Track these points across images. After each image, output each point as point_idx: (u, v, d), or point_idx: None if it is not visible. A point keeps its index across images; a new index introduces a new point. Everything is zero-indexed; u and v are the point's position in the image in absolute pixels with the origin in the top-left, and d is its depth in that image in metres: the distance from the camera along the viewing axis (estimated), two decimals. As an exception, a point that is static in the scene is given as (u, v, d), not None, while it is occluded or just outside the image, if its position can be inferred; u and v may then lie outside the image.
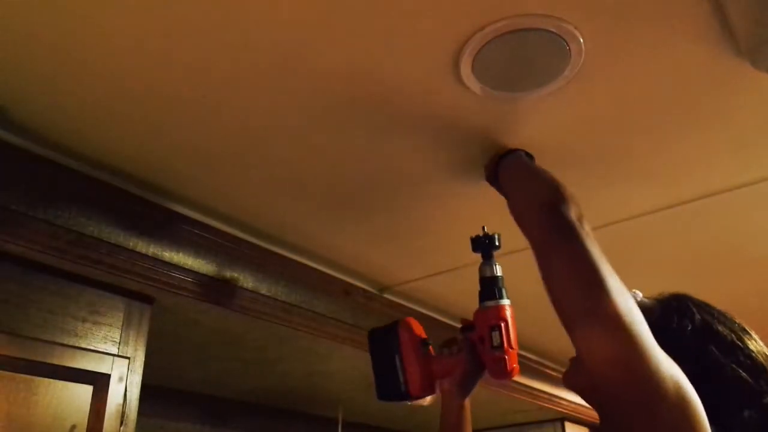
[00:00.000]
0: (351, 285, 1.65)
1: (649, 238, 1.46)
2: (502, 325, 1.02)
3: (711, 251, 1.55)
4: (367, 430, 2.58)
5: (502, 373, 1.03)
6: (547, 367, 2.29)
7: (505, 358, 1.01)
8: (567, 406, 2.41)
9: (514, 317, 1.04)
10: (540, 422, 2.62)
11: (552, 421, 2.59)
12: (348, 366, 1.80)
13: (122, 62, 0.91)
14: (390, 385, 1.11)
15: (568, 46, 0.88)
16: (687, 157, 1.17)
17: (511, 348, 1.02)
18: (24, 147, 1.09)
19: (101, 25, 0.84)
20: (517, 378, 2.11)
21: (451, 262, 1.55)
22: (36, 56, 0.90)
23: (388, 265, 1.59)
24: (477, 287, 1.07)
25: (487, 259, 1.08)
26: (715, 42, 0.88)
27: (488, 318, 1.04)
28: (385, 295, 1.73)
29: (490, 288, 1.05)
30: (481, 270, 1.08)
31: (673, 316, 0.78)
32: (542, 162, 1.16)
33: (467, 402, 1.08)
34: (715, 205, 1.32)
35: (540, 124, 1.07)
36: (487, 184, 1.16)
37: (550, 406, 2.35)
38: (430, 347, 1.13)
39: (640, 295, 0.83)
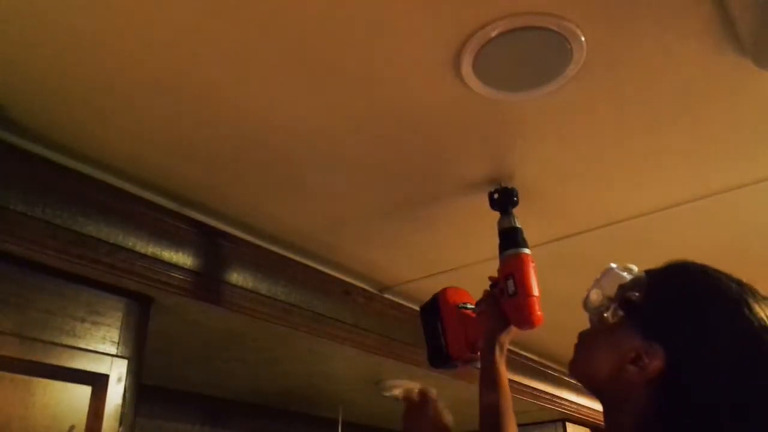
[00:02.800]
0: (351, 285, 1.64)
1: (649, 238, 1.46)
2: (516, 273, 1.00)
3: (711, 251, 1.54)
4: (368, 431, 2.58)
5: (523, 321, 0.99)
6: (549, 367, 2.29)
7: (521, 305, 0.98)
8: (568, 406, 2.41)
9: (534, 264, 1.02)
10: (541, 423, 2.61)
11: (554, 421, 2.58)
12: (348, 366, 1.80)
13: (122, 62, 0.90)
14: (435, 351, 1.15)
15: (569, 45, 0.88)
16: (688, 157, 1.17)
17: (529, 295, 0.99)
18: (23, 147, 1.08)
19: (101, 24, 0.83)
20: (519, 378, 2.11)
21: (452, 262, 1.55)
22: (36, 56, 0.89)
23: (388, 265, 1.59)
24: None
25: (505, 213, 1.08)
26: (717, 41, 0.88)
27: (504, 267, 1.03)
28: (386, 295, 1.72)
29: (506, 238, 1.05)
30: (499, 224, 1.07)
31: (658, 292, 0.76)
32: (543, 161, 1.15)
33: (501, 363, 1.02)
34: (716, 205, 1.32)
35: (541, 123, 1.06)
36: (486, 183, 1.16)
37: (552, 407, 2.34)
38: (469, 311, 1.13)
39: (635, 269, 0.82)
